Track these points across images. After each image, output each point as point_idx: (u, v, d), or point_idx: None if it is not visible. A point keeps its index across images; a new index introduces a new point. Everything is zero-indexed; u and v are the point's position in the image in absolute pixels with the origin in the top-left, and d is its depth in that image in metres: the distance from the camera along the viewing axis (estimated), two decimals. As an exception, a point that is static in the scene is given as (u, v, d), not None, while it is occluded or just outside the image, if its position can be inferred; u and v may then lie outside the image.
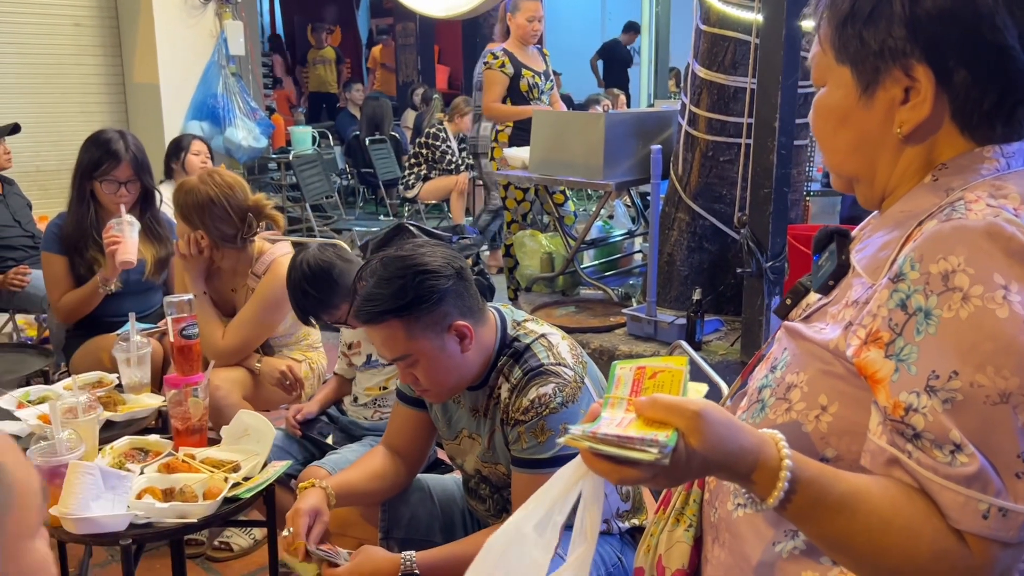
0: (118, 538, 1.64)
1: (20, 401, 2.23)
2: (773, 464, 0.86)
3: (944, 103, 0.95)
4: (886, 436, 0.89)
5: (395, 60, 13.00)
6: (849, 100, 0.99)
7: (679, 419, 0.84)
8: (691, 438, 0.84)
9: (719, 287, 3.96)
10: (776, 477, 0.86)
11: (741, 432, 0.87)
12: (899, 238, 0.93)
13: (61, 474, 1.63)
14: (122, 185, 2.87)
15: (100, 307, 2.98)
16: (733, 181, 3.83)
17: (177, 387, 1.97)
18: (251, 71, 6.30)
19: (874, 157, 1.00)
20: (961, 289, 0.85)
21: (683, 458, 0.84)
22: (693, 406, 0.85)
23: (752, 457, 0.86)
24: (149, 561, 2.56)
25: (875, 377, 0.89)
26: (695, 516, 1.13)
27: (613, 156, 4.18)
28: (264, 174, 7.45)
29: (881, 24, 0.94)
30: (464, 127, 7.42)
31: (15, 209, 3.89)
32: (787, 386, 1.00)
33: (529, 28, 4.93)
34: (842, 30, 0.98)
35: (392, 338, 1.57)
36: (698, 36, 4.07)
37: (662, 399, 0.87)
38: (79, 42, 5.70)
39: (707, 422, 0.84)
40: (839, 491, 0.88)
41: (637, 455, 0.83)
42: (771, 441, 0.88)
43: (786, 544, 0.99)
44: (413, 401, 1.86)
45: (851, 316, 0.95)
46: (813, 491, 0.87)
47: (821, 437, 0.96)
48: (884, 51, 0.95)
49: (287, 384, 2.63)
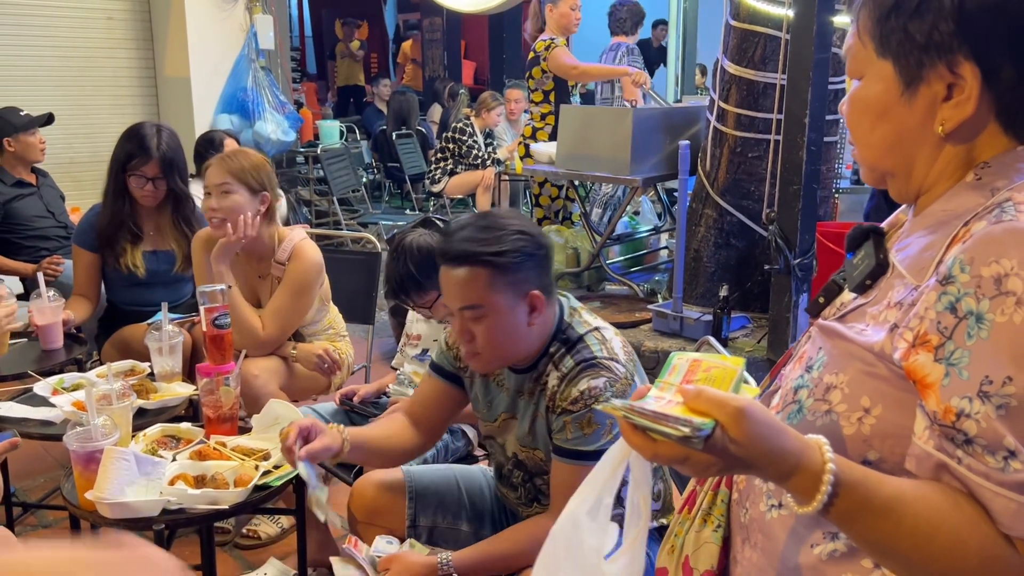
0: (151, 523, 1.66)
1: (55, 388, 2.27)
2: (816, 468, 0.85)
3: (988, 101, 0.92)
4: (933, 441, 0.87)
5: (421, 55, 13.03)
6: (889, 95, 0.96)
7: (721, 412, 0.84)
8: (731, 431, 0.83)
9: (746, 284, 3.95)
10: (819, 481, 0.84)
11: (784, 434, 0.86)
12: (944, 238, 0.91)
13: (97, 459, 1.66)
14: (149, 181, 2.90)
15: (131, 297, 3.03)
16: (761, 177, 3.82)
17: (209, 376, 1.99)
18: (280, 65, 6.35)
19: (912, 154, 0.97)
20: (1015, 293, 0.83)
21: (720, 449, 0.84)
22: (737, 402, 0.85)
23: (793, 460, 0.85)
24: (178, 548, 2.60)
25: (924, 381, 0.87)
26: (723, 516, 1.11)
27: (640, 151, 4.17)
28: (292, 167, 7.50)
29: (928, 18, 0.91)
30: (491, 122, 7.42)
31: (48, 200, 3.95)
32: (826, 387, 0.97)
33: (572, 17, 4.94)
34: (885, 23, 0.95)
35: (472, 283, 1.56)
36: (727, 32, 4.05)
37: (707, 391, 0.86)
38: (112, 36, 5.77)
39: (749, 419, 0.83)
40: (883, 495, 0.86)
41: (669, 430, 0.84)
42: (815, 446, 0.87)
43: (825, 546, 0.98)
44: (448, 375, 1.85)
45: (896, 318, 0.92)
46: (857, 495, 0.86)
47: (863, 440, 0.94)
48: (930, 46, 0.92)
49: (326, 367, 2.65)
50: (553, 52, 4.87)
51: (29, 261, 3.69)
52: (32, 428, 2.12)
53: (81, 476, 1.70)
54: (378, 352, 4.15)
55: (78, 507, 1.72)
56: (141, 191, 2.91)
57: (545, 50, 4.90)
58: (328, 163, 7.10)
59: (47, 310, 2.66)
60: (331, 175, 7.07)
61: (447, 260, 1.59)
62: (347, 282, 3.04)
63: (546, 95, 5.01)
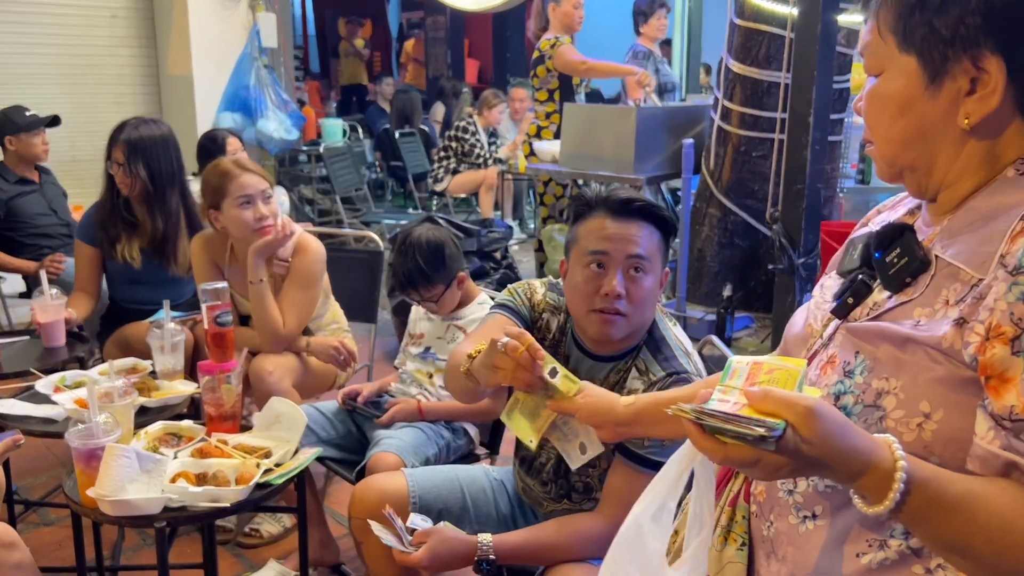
0: (153, 520, 1.66)
1: (57, 385, 2.27)
2: (887, 466, 0.84)
3: (1012, 96, 0.92)
4: (1000, 441, 0.86)
5: (425, 54, 13.02)
6: (912, 90, 0.96)
7: (790, 412, 0.83)
8: (802, 431, 0.82)
9: (750, 283, 3.94)
10: (891, 479, 0.83)
11: (854, 432, 0.85)
12: (1002, 231, 0.90)
13: (98, 457, 1.65)
14: (120, 166, 2.93)
15: (133, 294, 3.03)
16: (766, 176, 3.81)
17: (211, 374, 1.98)
18: (283, 63, 6.34)
19: (934, 148, 0.97)
20: None
21: (791, 449, 0.82)
22: (806, 401, 0.83)
23: (864, 458, 0.84)
24: (180, 546, 2.60)
25: (1004, 376, 0.85)
26: (745, 533, 1.10)
27: (644, 150, 4.16)
28: (295, 166, 7.50)
29: (954, 12, 0.91)
30: (493, 120, 7.42)
31: (51, 198, 3.95)
32: (876, 393, 0.95)
33: (576, 15, 4.92)
34: (909, 17, 0.95)
35: (649, 238, 1.61)
36: (732, 30, 4.04)
37: (775, 392, 0.85)
38: (115, 34, 5.77)
39: (820, 418, 0.82)
40: (955, 492, 0.86)
41: (744, 431, 0.83)
42: (884, 444, 0.86)
43: (875, 555, 0.96)
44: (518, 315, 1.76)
45: (962, 312, 0.90)
46: (928, 493, 0.85)
47: (924, 446, 0.92)
48: (955, 40, 0.92)
49: (341, 359, 2.66)
50: (559, 50, 4.86)
51: (31, 259, 3.69)
52: (34, 426, 2.11)
53: (83, 474, 1.69)
54: (380, 351, 4.15)
55: (80, 505, 1.72)
56: (116, 176, 2.96)
57: (551, 48, 4.88)
58: (331, 162, 7.09)
59: (49, 308, 2.66)
60: (334, 174, 7.07)
61: (623, 212, 1.61)
62: (350, 281, 3.03)
63: (551, 94, 5.00)
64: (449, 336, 2.41)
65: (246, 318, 2.70)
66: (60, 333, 2.69)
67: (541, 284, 1.83)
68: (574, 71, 4.91)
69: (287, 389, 2.48)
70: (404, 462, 2.14)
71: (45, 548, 2.64)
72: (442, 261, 2.32)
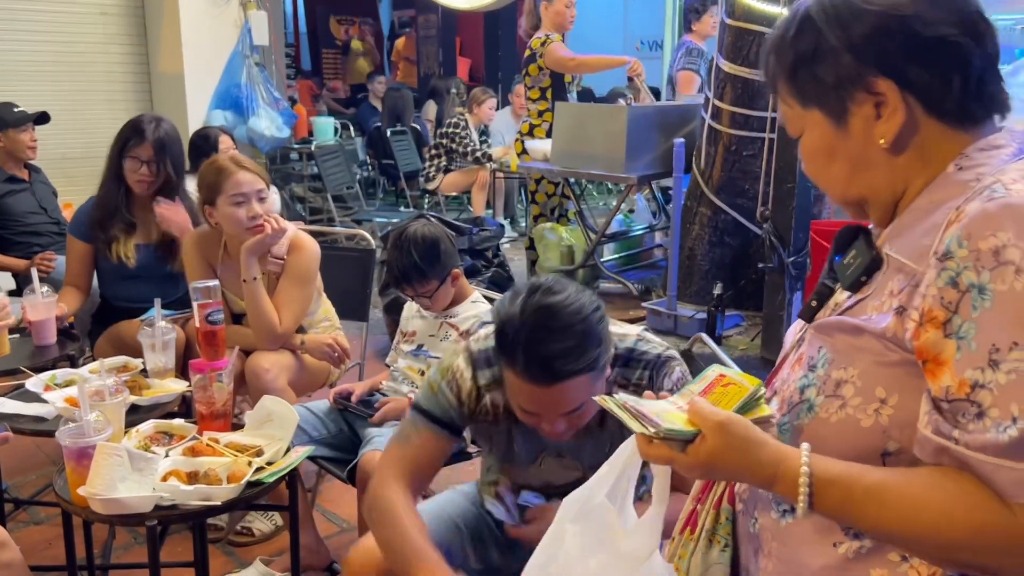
0: (144, 519, 1.66)
1: (47, 384, 2.26)
2: (792, 474, 0.94)
3: (914, 103, 0.98)
4: (931, 426, 0.90)
5: (416, 52, 13.01)
6: (828, 137, 1.04)
7: (704, 424, 0.96)
8: (710, 441, 0.96)
9: (740, 282, 3.95)
10: (796, 484, 0.93)
11: (762, 447, 0.96)
12: (939, 223, 0.94)
13: (89, 455, 1.65)
14: (143, 164, 2.93)
15: (124, 292, 3.02)
16: (756, 176, 3.82)
17: (202, 372, 1.98)
18: (274, 61, 6.33)
19: (871, 176, 1.03)
20: (1013, 263, 0.86)
21: (700, 455, 0.96)
22: (718, 417, 0.96)
23: (771, 470, 0.95)
24: (171, 545, 2.60)
25: (939, 359, 0.89)
26: (729, 535, 1.13)
27: (635, 149, 4.17)
28: (286, 164, 7.49)
29: (828, 59, 1.00)
30: (484, 116, 7.41)
31: (41, 196, 3.93)
32: (836, 383, 0.99)
33: (568, 14, 4.93)
34: (795, 78, 1.04)
35: (576, 392, 1.43)
36: (723, 30, 4.05)
37: (700, 404, 0.99)
38: (105, 31, 5.74)
39: (727, 432, 0.95)
40: (864, 485, 0.92)
41: (635, 425, 0.98)
42: (795, 454, 0.95)
43: (850, 544, 1.00)
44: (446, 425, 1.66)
45: (902, 301, 0.95)
46: (837, 490, 0.93)
47: (883, 431, 0.96)
48: (841, 81, 1.00)
49: (336, 356, 2.68)
50: (549, 47, 4.86)
51: (21, 257, 3.68)
52: (24, 424, 2.11)
53: (73, 472, 1.69)
54: (372, 349, 4.14)
55: (70, 503, 1.72)
56: (136, 174, 2.94)
57: (541, 46, 4.89)
58: (322, 160, 7.09)
59: (40, 306, 2.66)
60: (325, 172, 7.06)
61: (538, 380, 1.41)
62: (341, 279, 3.03)
63: (543, 92, 5.00)
64: (442, 334, 2.41)
65: (238, 316, 2.70)
66: (51, 331, 2.68)
67: (467, 363, 1.64)
68: (564, 68, 4.91)
69: (283, 387, 2.48)
70: None
71: (35, 547, 2.63)
72: (436, 257, 2.33)
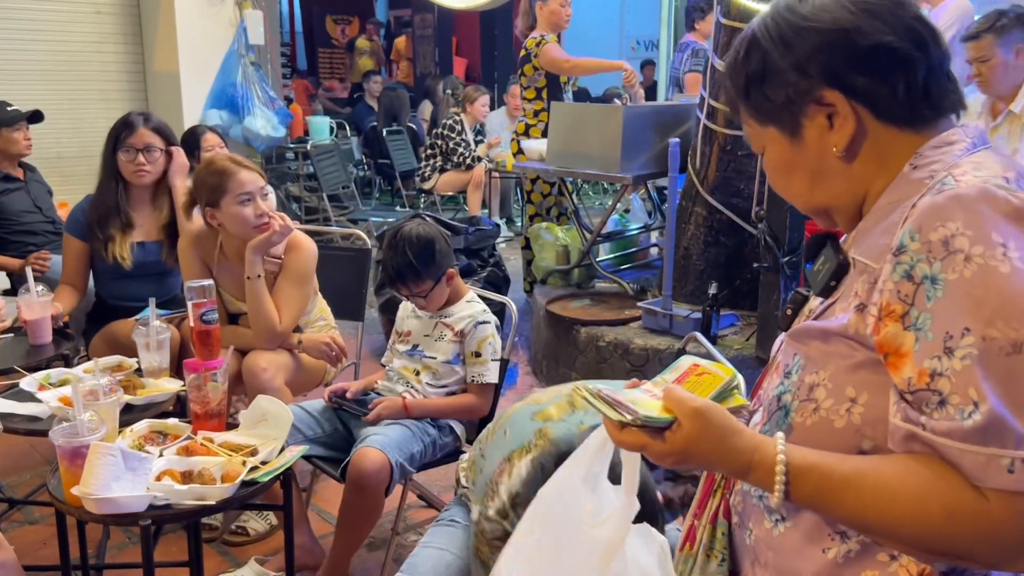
0: (138, 518, 1.66)
1: (41, 383, 2.26)
2: (768, 462, 0.94)
3: (863, 111, 1.01)
4: (900, 414, 0.91)
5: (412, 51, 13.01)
6: (785, 150, 1.08)
7: (680, 410, 0.96)
8: (685, 427, 0.95)
9: (735, 282, 3.96)
10: (772, 472, 0.94)
11: (738, 435, 0.96)
12: (896, 222, 0.96)
13: (83, 455, 1.65)
14: (139, 153, 2.94)
15: (119, 290, 3.02)
16: (751, 176, 3.82)
17: (197, 371, 1.98)
18: (270, 60, 6.32)
19: (831, 185, 1.06)
20: (962, 251, 0.88)
21: (675, 441, 0.96)
22: (695, 403, 0.96)
23: (747, 457, 0.96)
24: (166, 544, 2.59)
25: (899, 351, 0.91)
26: (725, 549, 1.14)
27: (631, 149, 4.17)
28: (282, 163, 7.48)
29: (775, 78, 1.04)
30: (478, 115, 7.41)
31: (36, 195, 3.92)
32: (808, 387, 1.01)
33: (563, 13, 4.93)
34: (749, 98, 1.08)
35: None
36: (718, 30, 4.05)
37: (676, 391, 0.98)
38: (100, 30, 5.73)
39: (702, 419, 0.95)
40: (841, 472, 0.93)
41: (611, 413, 0.98)
42: (771, 442, 0.96)
43: (839, 548, 1.00)
44: None
45: (861, 299, 0.97)
46: (813, 478, 0.93)
47: (856, 430, 0.97)
48: (790, 97, 1.03)
49: (333, 355, 2.68)
50: (544, 48, 4.86)
51: (16, 256, 3.67)
52: (18, 423, 2.11)
53: (67, 472, 1.69)
54: (367, 349, 4.15)
55: (64, 503, 1.72)
56: (132, 165, 2.94)
57: (536, 47, 4.89)
58: (318, 159, 7.08)
59: (35, 305, 2.65)
60: (321, 171, 7.05)
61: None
62: (337, 279, 3.03)
63: (539, 92, 5.00)
64: (436, 334, 2.41)
65: (234, 316, 2.70)
66: (46, 330, 2.68)
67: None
68: (559, 69, 4.91)
69: (280, 386, 2.48)
70: (388, 457, 2.15)
71: (29, 547, 2.63)
72: (432, 257, 2.33)
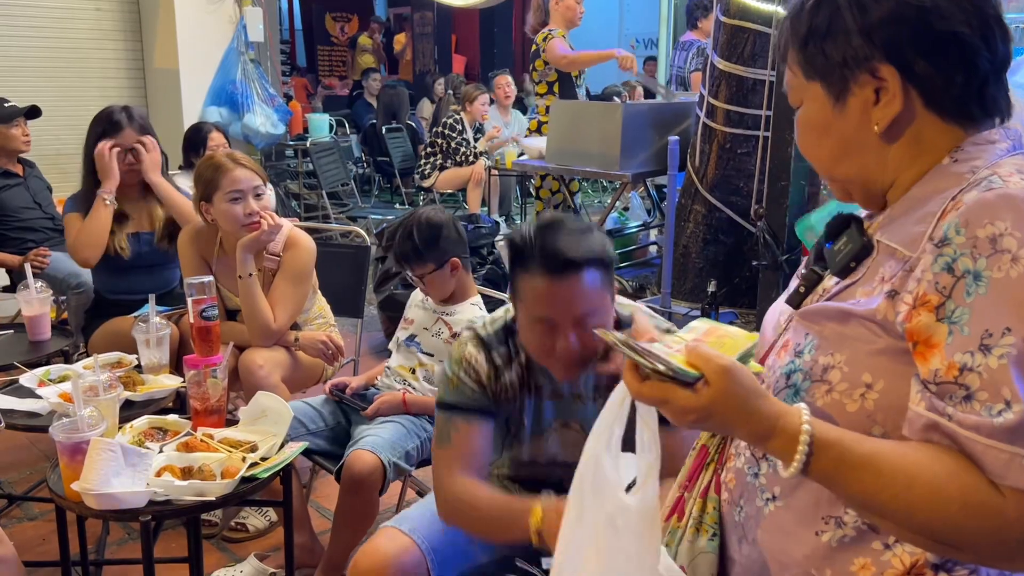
0: (138, 514, 1.66)
1: (41, 379, 2.26)
2: (793, 430, 0.91)
3: (914, 95, 0.99)
4: (925, 402, 0.91)
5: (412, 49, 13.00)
6: (825, 112, 1.04)
7: (707, 367, 0.91)
8: (713, 385, 0.90)
9: (734, 280, 3.96)
10: (796, 441, 0.90)
11: (763, 398, 0.92)
12: (934, 212, 0.95)
13: (83, 451, 1.65)
14: (128, 153, 2.94)
15: (117, 284, 3.02)
16: (750, 174, 3.83)
17: (196, 368, 1.98)
18: (269, 57, 6.32)
19: (862, 160, 1.04)
20: (1010, 251, 0.87)
21: (703, 400, 0.91)
22: (724, 361, 0.92)
23: (770, 423, 0.91)
24: (165, 540, 2.60)
25: (929, 341, 0.91)
26: (716, 524, 1.13)
27: (630, 147, 4.18)
28: (281, 160, 7.47)
29: (839, 37, 1.00)
30: (478, 113, 7.40)
31: (35, 191, 3.92)
32: (822, 368, 1.00)
33: (577, 10, 5.03)
34: (805, 49, 1.04)
35: (592, 287, 1.50)
36: (718, 28, 4.06)
37: (702, 347, 0.94)
38: (100, 26, 5.73)
39: (731, 378, 0.90)
40: (861, 451, 0.91)
41: (646, 363, 0.93)
42: (795, 411, 0.92)
43: (834, 533, 1.00)
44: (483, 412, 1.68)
45: (894, 285, 0.96)
46: (834, 453, 0.91)
47: (867, 415, 0.97)
48: (847, 60, 1.00)
49: (329, 353, 2.67)
50: (549, 43, 4.93)
51: (15, 253, 3.67)
52: (18, 419, 2.11)
53: (67, 467, 1.69)
54: (366, 346, 4.15)
55: (64, 499, 1.72)
56: (123, 165, 2.94)
57: (543, 41, 4.96)
58: (317, 157, 7.07)
59: (35, 301, 2.66)
60: (320, 169, 7.05)
61: (554, 271, 1.48)
62: (336, 276, 3.03)
63: (550, 86, 5.07)
64: (435, 329, 2.41)
65: (233, 312, 2.70)
66: (45, 327, 2.68)
67: (477, 348, 1.68)
68: (558, 65, 4.95)
69: (276, 383, 2.48)
70: (382, 460, 2.14)
71: (29, 543, 2.63)
72: (436, 241, 2.34)
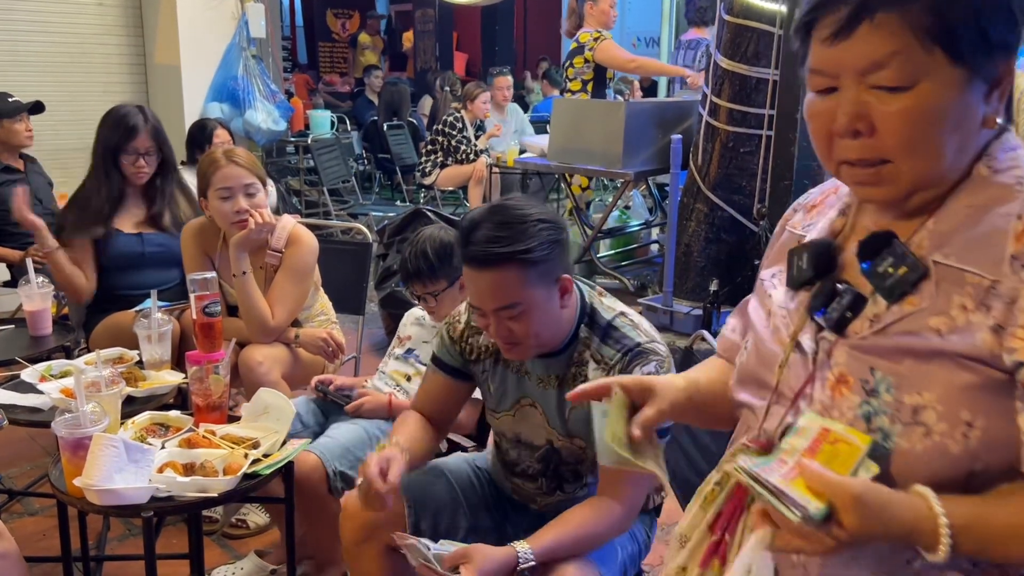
0: (140, 510, 1.66)
1: (43, 375, 2.25)
2: (930, 525, 0.87)
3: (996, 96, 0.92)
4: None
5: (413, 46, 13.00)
6: (965, 105, 0.91)
7: (837, 497, 0.86)
8: (845, 517, 0.86)
9: (736, 279, 3.96)
10: (937, 536, 0.86)
11: (896, 506, 0.88)
12: (1002, 229, 0.90)
13: (85, 446, 1.65)
14: (141, 156, 2.94)
15: (120, 279, 3.01)
16: (753, 173, 3.83)
17: (199, 364, 1.98)
18: (271, 54, 6.31)
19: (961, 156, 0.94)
20: None
21: (844, 539, 0.86)
22: (854, 488, 0.86)
23: (908, 527, 0.87)
24: (166, 536, 2.59)
25: None
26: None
27: (633, 145, 4.18)
28: (282, 157, 7.47)
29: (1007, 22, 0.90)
30: (479, 112, 7.40)
31: (37, 187, 3.91)
32: (912, 409, 0.92)
33: (612, 14, 5.20)
34: (965, 27, 0.88)
35: (506, 284, 1.53)
36: (721, 26, 4.05)
37: (827, 476, 0.88)
38: (102, 22, 5.73)
39: (864, 505, 0.86)
40: (1000, 524, 0.88)
41: (782, 508, 0.88)
42: (922, 504, 0.88)
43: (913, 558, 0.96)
44: (452, 371, 1.82)
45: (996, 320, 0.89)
46: (975, 534, 0.87)
47: (971, 455, 0.91)
48: (1005, 44, 0.90)
49: (330, 351, 2.66)
50: (603, 44, 5.10)
51: (16, 248, 3.66)
52: (19, 415, 2.10)
53: (69, 463, 1.69)
54: (368, 343, 4.15)
55: (66, 494, 1.72)
56: (134, 167, 2.94)
57: (593, 41, 5.12)
58: (318, 153, 7.07)
59: (36, 296, 2.65)
60: (321, 165, 7.05)
61: (473, 264, 1.54)
62: (337, 273, 3.03)
63: (584, 84, 5.21)
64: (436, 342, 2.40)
65: (234, 308, 2.69)
66: (47, 322, 2.68)
67: (466, 308, 1.79)
68: (622, 68, 5.18)
69: (276, 380, 2.48)
70: (324, 465, 2.10)
71: (29, 538, 2.63)
72: (449, 258, 2.31)
